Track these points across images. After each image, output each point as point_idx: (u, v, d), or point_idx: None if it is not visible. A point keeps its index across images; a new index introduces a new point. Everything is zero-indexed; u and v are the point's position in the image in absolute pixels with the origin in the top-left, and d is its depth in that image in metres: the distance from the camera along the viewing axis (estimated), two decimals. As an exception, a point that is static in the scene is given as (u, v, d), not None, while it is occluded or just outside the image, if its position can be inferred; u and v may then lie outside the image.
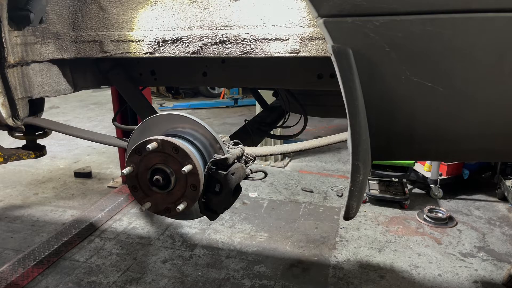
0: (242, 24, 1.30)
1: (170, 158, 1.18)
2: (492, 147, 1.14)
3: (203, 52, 1.37)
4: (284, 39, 1.26)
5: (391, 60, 0.98)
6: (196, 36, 1.35)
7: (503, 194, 3.88)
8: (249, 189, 4.21)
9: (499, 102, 1.02)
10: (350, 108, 0.98)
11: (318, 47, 1.22)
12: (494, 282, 2.74)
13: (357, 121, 0.98)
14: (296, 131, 2.38)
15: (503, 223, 3.51)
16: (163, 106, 8.61)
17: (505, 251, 3.10)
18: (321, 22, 0.96)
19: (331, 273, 2.88)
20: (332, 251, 3.14)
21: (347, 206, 1.16)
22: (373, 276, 2.83)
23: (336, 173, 4.77)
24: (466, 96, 1.02)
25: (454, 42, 0.93)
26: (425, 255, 3.07)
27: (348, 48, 0.96)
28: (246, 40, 1.29)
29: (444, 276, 2.82)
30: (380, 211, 3.79)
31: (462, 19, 0.90)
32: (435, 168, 3.95)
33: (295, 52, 1.26)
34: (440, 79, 0.99)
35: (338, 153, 5.42)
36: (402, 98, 1.04)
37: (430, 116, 1.07)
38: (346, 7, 0.93)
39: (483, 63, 0.96)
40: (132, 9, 1.45)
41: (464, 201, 3.96)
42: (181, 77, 1.74)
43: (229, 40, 1.31)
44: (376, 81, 1.02)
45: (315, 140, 1.55)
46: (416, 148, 1.18)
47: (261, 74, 1.64)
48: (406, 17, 0.92)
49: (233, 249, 3.19)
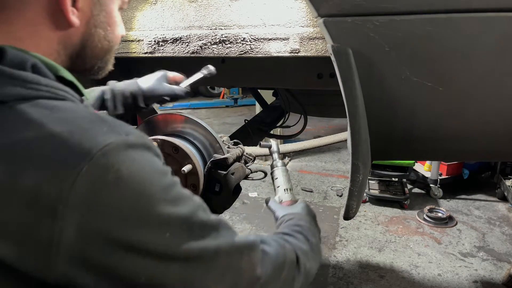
0: (241, 24, 1.30)
1: (169, 158, 1.18)
2: (492, 147, 1.14)
3: (203, 52, 1.36)
4: (284, 38, 1.25)
5: (391, 60, 0.98)
6: (196, 35, 1.35)
7: (503, 193, 3.88)
8: (249, 189, 4.21)
9: (498, 102, 1.02)
10: (350, 108, 0.98)
11: (318, 47, 1.22)
12: (494, 282, 2.74)
13: (357, 120, 0.98)
14: (296, 131, 2.38)
15: (503, 223, 3.51)
16: (162, 106, 8.60)
17: (505, 251, 3.10)
18: (321, 21, 0.96)
19: (331, 272, 2.87)
20: (332, 251, 3.14)
21: (347, 205, 1.16)
22: (373, 276, 2.83)
23: (336, 173, 4.77)
24: (466, 96, 1.02)
25: (454, 42, 0.93)
26: (425, 254, 3.07)
27: (348, 48, 0.96)
28: (246, 40, 1.29)
29: (444, 276, 2.82)
30: (380, 211, 3.79)
31: (462, 19, 0.90)
32: (435, 168, 3.94)
33: (295, 52, 1.26)
34: (440, 79, 0.99)
35: (338, 153, 5.42)
36: (402, 98, 1.04)
37: (430, 115, 1.07)
38: (346, 7, 0.93)
39: (483, 63, 0.96)
40: (131, 8, 1.45)
41: (464, 200, 3.96)
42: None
43: (229, 39, 1.31)
44: (376, 81, 1.02)
45: (315, 140, 1.56)
46: (416, 148, 1.18)
47: (261, 74, 1.64)
48: (406, 17, 0.92)
49: (233, 249, 3.19)
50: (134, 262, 0.51)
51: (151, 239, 0.51)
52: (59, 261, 0.48)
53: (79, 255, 0.49)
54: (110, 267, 0.50)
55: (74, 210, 0.47)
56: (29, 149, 0.49)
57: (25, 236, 0.48)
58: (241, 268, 0.60)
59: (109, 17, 0.70)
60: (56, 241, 0.47)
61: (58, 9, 0.60)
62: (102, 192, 0.48)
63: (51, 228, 0.47)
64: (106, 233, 0.49)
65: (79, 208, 0.47)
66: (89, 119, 0.53)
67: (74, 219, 0.47)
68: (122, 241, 0.50)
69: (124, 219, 0.50)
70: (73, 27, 0.62)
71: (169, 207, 0.53)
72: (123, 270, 0.51)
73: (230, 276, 0.58)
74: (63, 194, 0.47)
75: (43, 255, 0.48)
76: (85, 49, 0.67)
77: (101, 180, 0.48)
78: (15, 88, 0.52)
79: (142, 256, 0.51)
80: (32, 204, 0.47)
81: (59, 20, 0.61)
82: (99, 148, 0.49)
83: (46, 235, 0.47)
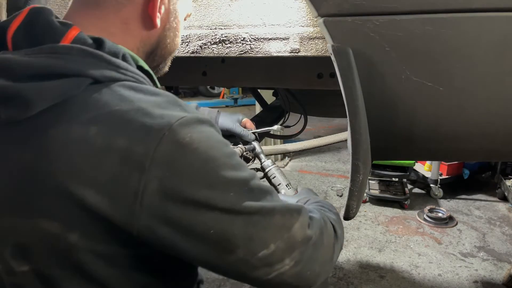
0: (241, 24, 1.30)
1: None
2: (492, 147, 1.14)
3: (202, 51, 1.36)
4: (284, 38, 1.25)
5: (391, 60, 0.98)
6: (196, 35, 1.35)
7: (503, 194, 3.88)
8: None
9: (499, 101, 1.01)
10: (350, 108, 0.97)
11: (318, 47, 1.22)
12: (494, 282, 2.74)
13: (357, 120, 0.97)
14: (296, 130, 2.37)
15: (503, 223, 3.51)
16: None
17: (505, 251, 3.10)
18: (321, 21, 0.96)
19: (331, 273, 2.87)
20: (332, 251, 3.14)
21: (347, 206, 1.16)
22: (373, 276, 2.82)
23: (336, 172, 4.77)
24: (466, 96, 1.02)
25: (455, 41, 0.93)
26: (425, 255, 3.07)
27: (348, 48, 0.96)
28: (245, 40, 1.29)
29: (444, 276, 2.81)
30: (380, 211, 3.78)
31: (463, 19, 0.90)
32: (435, 168, 3.94)
33: (295, 52, 1.25)
34: (440, 78, 0.99)
35: (338, 153, 5.41)
36: (402, 98, 1.04)
37: (430, 115, 1.06)
38: (346, 7, 0.92)
39: (484, 62, 0.95)
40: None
41: (464, 201, 3.95)
42: (181, 77, 1.74)
43: (228, 39, 1.31)
44: (376, 81, 1.02)
45: (315, 139, 1.55)
46: (416, 148, 1.17)
47: (261, 74, 1.64)
48: (406, 16, 0.92)
49: (233, 249, 3.18)
50: (204, 216, 0.60)
51: (217, 197, 0.61)
52: (142, 211, 0.58)
53: (158, 207, 0.58)
54: (184, 220, 0.60)
55: (157, 166, 0.57)
56: (123, 118, 0.59)
57: (116, 188, 0.58)
58: (294, 228, 0.68)
59: (178, 24, 0.83)
60: (141, 192, 0.57)
61: (147, 13, 0.74)
62: (178, 154, 0.59)
63: (139, 181, 0.57)
64: (180, 190, 0.59)
65: (161, 166, 0.58)
66: (166, 99, 0.65)
67: (157, 175, 0.57)
68: (194, 196, 0.59)
69: (195, 178, 0.60)
70: (156, 28, 0.76)
71: (232, 171, 0.63)
72: (195, 223, 0.60)
73: (285, 233, 0.66)
74: (150, 153, 0.57)
75: (129, 205, 0.58)
76: (157, 49, 0.81)
77: (177, 145, 0.59)
78: (111, 72, 0.64)
79: (210, 211, 0.60)
80: (125, 161, 0.57)
81: (147, 22, 0.75)
82: (176, 120, 0.60)
83: (134, 186, 0.57)
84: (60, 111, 0.61)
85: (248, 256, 0.63)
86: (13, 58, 0.61)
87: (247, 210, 0.63)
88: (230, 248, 0.62)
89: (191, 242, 0.61)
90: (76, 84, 0.61)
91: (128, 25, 0.73)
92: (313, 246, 0.71)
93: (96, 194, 0.58)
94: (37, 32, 0.64)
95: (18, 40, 0.64)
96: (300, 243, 0.68)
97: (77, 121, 0.60)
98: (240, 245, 0.62)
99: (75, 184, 0.58)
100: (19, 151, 0.61)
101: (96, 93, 0.62)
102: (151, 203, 0.58)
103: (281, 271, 0.66)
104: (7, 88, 0.59)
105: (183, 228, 0.60)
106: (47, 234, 0.60)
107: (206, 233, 0.61)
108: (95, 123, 0.59)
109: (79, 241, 0.60)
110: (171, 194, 0.58)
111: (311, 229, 0.72)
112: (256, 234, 0.63)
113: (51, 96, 0.60)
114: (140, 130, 0.58)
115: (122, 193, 0.58)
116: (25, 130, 0.61)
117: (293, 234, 0.67)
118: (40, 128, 0.60)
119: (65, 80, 0.61)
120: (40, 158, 0.60)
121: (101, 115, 0.60)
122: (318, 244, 0.73)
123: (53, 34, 0.64)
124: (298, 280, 0.70)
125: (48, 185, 0.59)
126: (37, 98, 0.59)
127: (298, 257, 0.68)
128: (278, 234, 0.65)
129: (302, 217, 0.70)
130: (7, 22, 0.66)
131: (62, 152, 0.59)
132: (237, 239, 0.62)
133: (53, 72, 0.61)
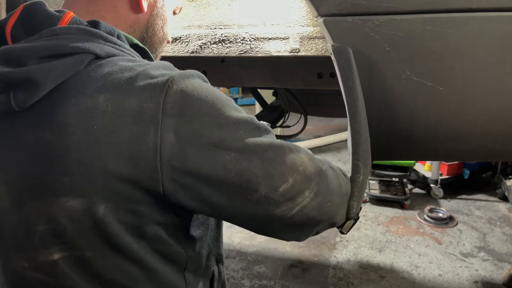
0: (241, 23, 1.30)
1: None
2: (493, 147, 1.13)
3: (202, 51, 1.36)
4: (283, 38, 1.25)
5: (391, 60, 0.98)
6: (196, 35, 1.35)
7: (503, 194, 3.87)
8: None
9: (499, 101, 1.01)
10: (350, 108, 0.97)
11: (318, 46, 1.22)
12: (494, 282, 2.74)
13: (357, 120, 0.97)
14: (296, 130, 2.37)
15: (503, 223, 3.51)
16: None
17: (505, 251, 3.09)
18: (321, 21, 0.96)
19: (331, 273, 2.87)
20: (332, 251, 3.14)
21: (348, 206, 1.15)
22: (373, 276, 2.82)
23: (336, 173, 4.76)
24: (466, 96, 1.01)
25: (455, 41, 0.93)
26: (426, 255, 3.07)
27: (348, 47, 0.95)
28: (245, 39, 1.29)
29: (444, 276, 2.81)
30: (381, 211, 3.78)
31: (463, 19, 0.90)
32: (436, 168, 3.94)
33: (295, 51, 1.25)
34: (440, 78, 0.99)
35: (338, 153, 5.41)
36: (402, 98, 1.04)
37: (431, 115, 1.06)
38: (346, 6, 0.92)
39: (484, 62, 0.95)
40: (131, 8, 1.44)
41: (464, 201, 3.95)
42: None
43: (228, 39, 1.31)
44: (376, 81, 1.02)
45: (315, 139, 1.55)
46: (417, 148, 1.17)
47: (260, 74, 1.63)
48: (406, 16, 0.92)
49: (233, 249, 3.18)
50: (222, 159, 0.63)
51: (229, 137, 0.64)
52: (164, 164, 0.60)
53: (178, 157, 0.61)
54: (204, 167, 0.62)
55: (169, 117, 0.60)
56: (128, 83, 0.62)
57: (136, 147, 0.60)
58: (304, 161, 0.70)
59: (166, 12, 0.86)
60: (159, 145, 0.60)
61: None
62: (185, 101, 0.62)
63: (155, 134, 0.60)
64: (194, 134, 0.62)
65: (173, 115, 0.61)
66: (162, 64, 0.69)
67: (171, 124, 0.60)
68: (208, 139, 0.62)
69: (206, 121, 0.63)
70: (143, 12, 0.79)
71: (236, 112, 0.67)
72: (214, 168, 0.63)
73: (299, 166, 0.69)
74: (160, 106, 0.61)
75: (151, 160, 0.60)
76: (146, 36, 0.84)
77: (183, 93, 0.62)
78: (110, 48, 0.68)
79: (226, 153, 0.63)
80: (138, 119, 0.60)
81: (134, 5, 0.78)
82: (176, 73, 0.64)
83: (152, 141, 0.60)
84: (66, 88, 0.63)
85: (271, 193, 0.66)
86: (17, 47, 0.63)
87: (260, 148, 0.65)
88: (253, 187, 0.65)
89: (215, 188, 0.64)
90: (80, 60, 0.64)
91: (117, 8, 0.76)
92: (326, 178, 0.75)
93: (117, 158, 0.59)
94: (35, 23, 0.67)
95: (17, 33, 0.67)
96: (314, 174, 0.71)
97: (85, 93, 0.62)
98: (261, 182, 0.65)
99: (95, 153, 0.60)
100: (35, 134, 0.63)
101: (98, 67, 0.65)
102: (171, 154, 0.60)
103: (303, 204, 0.69)
104: (14, 74, 0.60)
105: (204, 175, 0.62)
106: (75, 213, 0.62)
107: (228, 176, 0.63)
108: (102, 91, 0.62)
109: (106, 214, 0.61)
110: (188, 141, 0.61)
111: (322, 164, 0.76)
112: (274, 170, 0.66)
113: (57, 74, 0.62)
114: (146, 89, 0.62)
115: (142, 150, 0.60)
116: (37, 114, 0.63)
117: (306, 167, 0.70)
118: (50, 108, 0.63)
119: (69, 58, 0.63)
120: (56, 135, 0.61)
121: (106, 83, 0.63)
122: (331, 176, 0.77)
123: (50, 20, 0.67)
124: (321, 212, 0.73)
125: (68, 159, 0.60)
126: (46, 78, 0.61)
127: (316, 188, 0.71)
128: (294, 167, 0.68)
129: (306, 152, 0.73)
130: (5, 20, 0.68)
131: (76, 124, 0.61)
132: (257, 176, 0.64)
133: (57, 53, 0.63)
